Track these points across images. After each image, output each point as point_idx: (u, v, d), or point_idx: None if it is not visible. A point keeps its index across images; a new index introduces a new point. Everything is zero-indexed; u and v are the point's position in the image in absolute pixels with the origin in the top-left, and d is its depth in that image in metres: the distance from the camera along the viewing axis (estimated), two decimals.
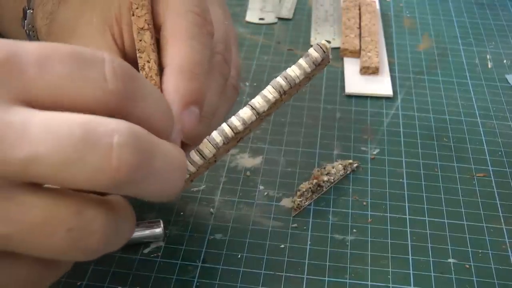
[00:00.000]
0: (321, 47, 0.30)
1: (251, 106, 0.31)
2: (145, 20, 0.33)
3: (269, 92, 0.30)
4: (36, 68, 0.23)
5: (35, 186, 0.23)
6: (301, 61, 0.31)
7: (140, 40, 0.33)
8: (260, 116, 0.31)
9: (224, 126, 0.31)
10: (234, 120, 0.30)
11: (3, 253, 0.24)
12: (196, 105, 0.32)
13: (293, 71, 0.31)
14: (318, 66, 0.31)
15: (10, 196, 0.22)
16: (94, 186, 0.23)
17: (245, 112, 0.30)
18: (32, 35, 0.40)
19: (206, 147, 0.30)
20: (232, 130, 0.30)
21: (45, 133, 0.22)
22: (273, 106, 0.31)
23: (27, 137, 0.22)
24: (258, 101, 0.30)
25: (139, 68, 0.33)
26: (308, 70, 0.30)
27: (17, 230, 0.22)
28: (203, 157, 0.30)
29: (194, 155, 0.30)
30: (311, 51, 0.30)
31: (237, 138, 0.31)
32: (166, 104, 0.28)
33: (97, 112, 0.23)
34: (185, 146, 0.32)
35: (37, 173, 0.22)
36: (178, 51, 0.33)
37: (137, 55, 0.33)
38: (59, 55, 0.23)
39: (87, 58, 0.24)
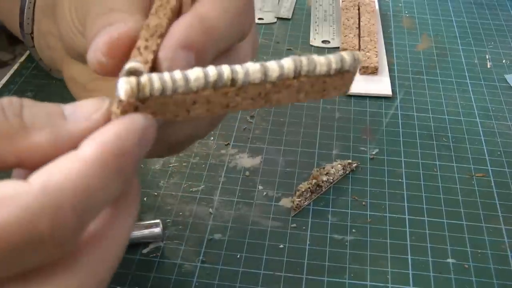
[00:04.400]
0: (353, 55, 0.27)
1: (262, 65, 0.25)
2: None
3: (286, 61, 0.26)
4: None
5: None
6: (329, 55, 0.27)
7: None
8: (264, 81, 0.26)
9: (224, 66, 0.25)
10: (237, 67, 0.25)
11: None
12: (194, 54, 0.26)
13: (318, 57, 0.27)
14: (341, 73, 0.27)
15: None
16: None
17: (252, 65, 0.25)
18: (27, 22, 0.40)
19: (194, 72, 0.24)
20: (231, 73, 0.25)
21: None
22: (281, 84, 0.26)
23: None
24: (271, 63, 0.26)
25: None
26: (333, 65, 0.27)
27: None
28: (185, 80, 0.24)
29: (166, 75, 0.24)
30: (343, 52, 0.27)
31: (227, 94, 0.25)
32: None
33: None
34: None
35: None
36: (208, 3, 0.28)
37: None
38: None
39: None
